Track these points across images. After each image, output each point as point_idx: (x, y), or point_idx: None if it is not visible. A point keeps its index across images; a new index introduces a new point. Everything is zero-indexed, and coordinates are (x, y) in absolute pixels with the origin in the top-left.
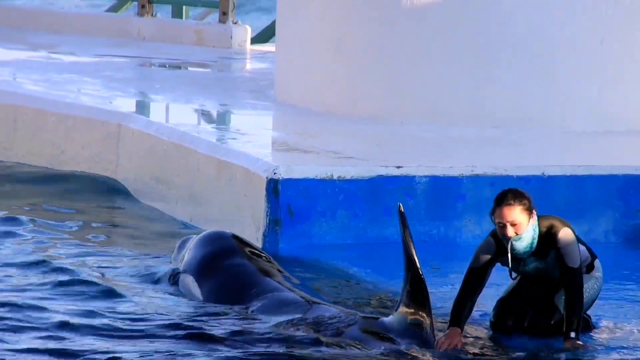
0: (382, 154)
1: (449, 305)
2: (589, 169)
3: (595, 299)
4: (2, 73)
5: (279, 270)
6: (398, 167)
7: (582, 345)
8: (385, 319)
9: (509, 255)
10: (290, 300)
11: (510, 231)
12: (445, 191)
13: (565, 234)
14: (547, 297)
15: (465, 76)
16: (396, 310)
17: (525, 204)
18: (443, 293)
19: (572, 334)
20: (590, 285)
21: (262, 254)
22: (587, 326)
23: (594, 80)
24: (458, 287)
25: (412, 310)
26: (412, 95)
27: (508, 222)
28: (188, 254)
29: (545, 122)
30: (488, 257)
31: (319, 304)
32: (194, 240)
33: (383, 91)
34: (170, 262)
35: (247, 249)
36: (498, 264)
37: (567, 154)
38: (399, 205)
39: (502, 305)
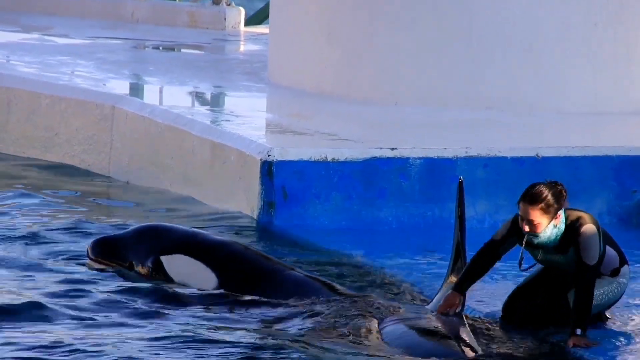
0: (377, 136)
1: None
2: (583, 150)
3: (613, 303)
4: None
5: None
6: (392, 148)
7: (588, 343)
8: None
9: (524, 241)
10: (314, 285)
11: (527, 227)
12: (439, 173)
13: (588, 229)
14: (560, 291)
15: (460, 58)
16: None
17: (547, 205)
18: (438, 275)
19: (579, 331)
20: (610, 288)
21: None
22: (599, 318)
23: (587, 62)
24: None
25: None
26: (406, 78)
27: (526, 219)
28: (158, 242)
29: (539, 103)
30: (507, 235)
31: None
32: (152, 231)
33: (377, 73)
34: (98, 260)
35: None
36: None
37: (561, 135)
38: (460, 179)
39: (516, 293)
